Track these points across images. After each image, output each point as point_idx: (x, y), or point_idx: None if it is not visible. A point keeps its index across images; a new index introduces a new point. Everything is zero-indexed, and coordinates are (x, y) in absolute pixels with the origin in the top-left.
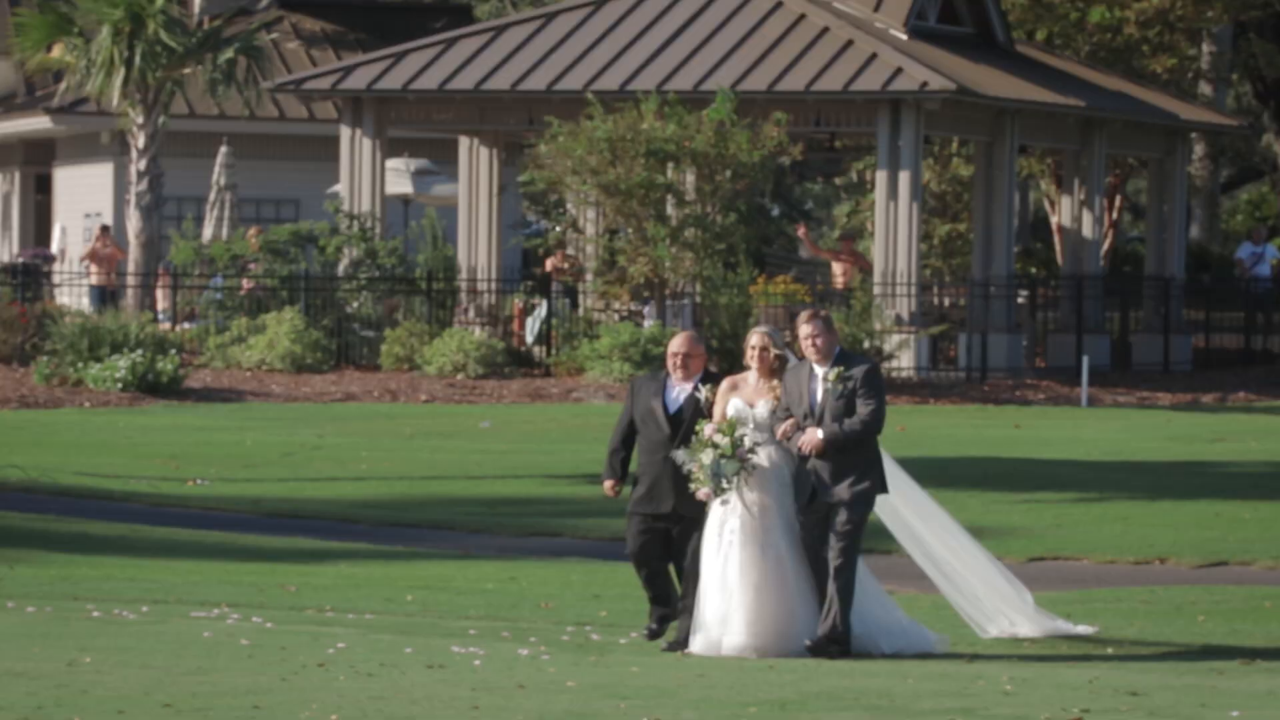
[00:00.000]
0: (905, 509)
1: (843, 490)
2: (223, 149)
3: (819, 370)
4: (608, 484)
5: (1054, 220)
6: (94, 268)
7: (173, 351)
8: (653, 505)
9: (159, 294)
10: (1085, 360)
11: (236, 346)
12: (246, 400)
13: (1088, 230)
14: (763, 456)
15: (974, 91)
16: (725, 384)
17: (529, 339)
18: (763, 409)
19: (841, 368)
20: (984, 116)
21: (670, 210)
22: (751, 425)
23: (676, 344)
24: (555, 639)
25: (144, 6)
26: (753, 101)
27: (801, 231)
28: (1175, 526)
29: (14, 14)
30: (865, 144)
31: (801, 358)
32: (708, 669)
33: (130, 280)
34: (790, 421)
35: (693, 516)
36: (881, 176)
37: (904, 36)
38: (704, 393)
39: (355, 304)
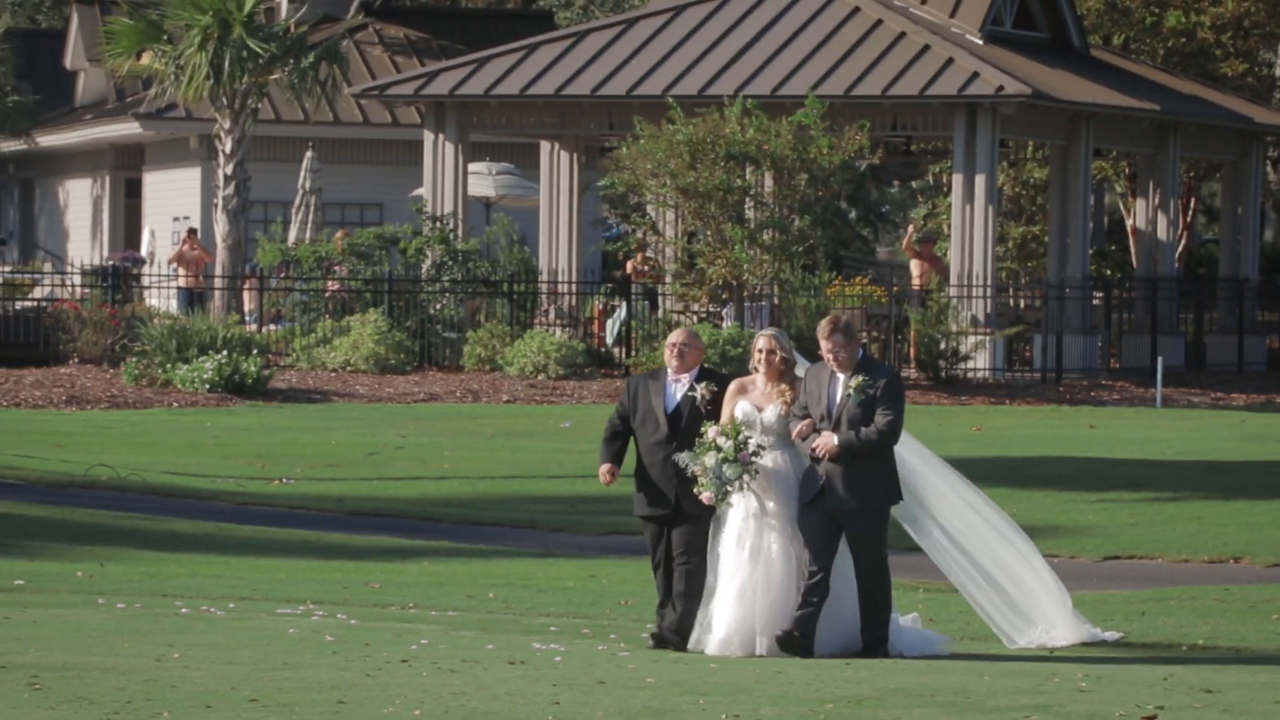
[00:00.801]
0: (938, 512)
1: (853, 501)
2: (308, 153)
3: (840, 374)
4: (603, 469)
5: (1129, 223)
6: (182, 270)
7: (259, 353)
8: (657, 507)
9: (245, 296)
10: (1160, 361)
11: (321, 348)
12: (331, 400)
13: (1162, 232)
14: (768, 460)
15: (1049, 95)
16: (734, 386)
17: (609, 340)
18: (771, 414)
19: (864, 376)
20: (1059, 120)
21: (749, 213)
22: (759, 430)
23: (675, 335)
24: (635, 636)
25: (231, 13)
26: (830, 106)
27: (910, 228)
28: (1250, 526)
29: (105, 22)
30: (941, 147)
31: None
32: (785, 666)
33: (217, 282)
34: (807, 422)
35: (694, 514)
36: (957, 180)
37: (980, 41)
38: (701, 389)
39: (438, 306)
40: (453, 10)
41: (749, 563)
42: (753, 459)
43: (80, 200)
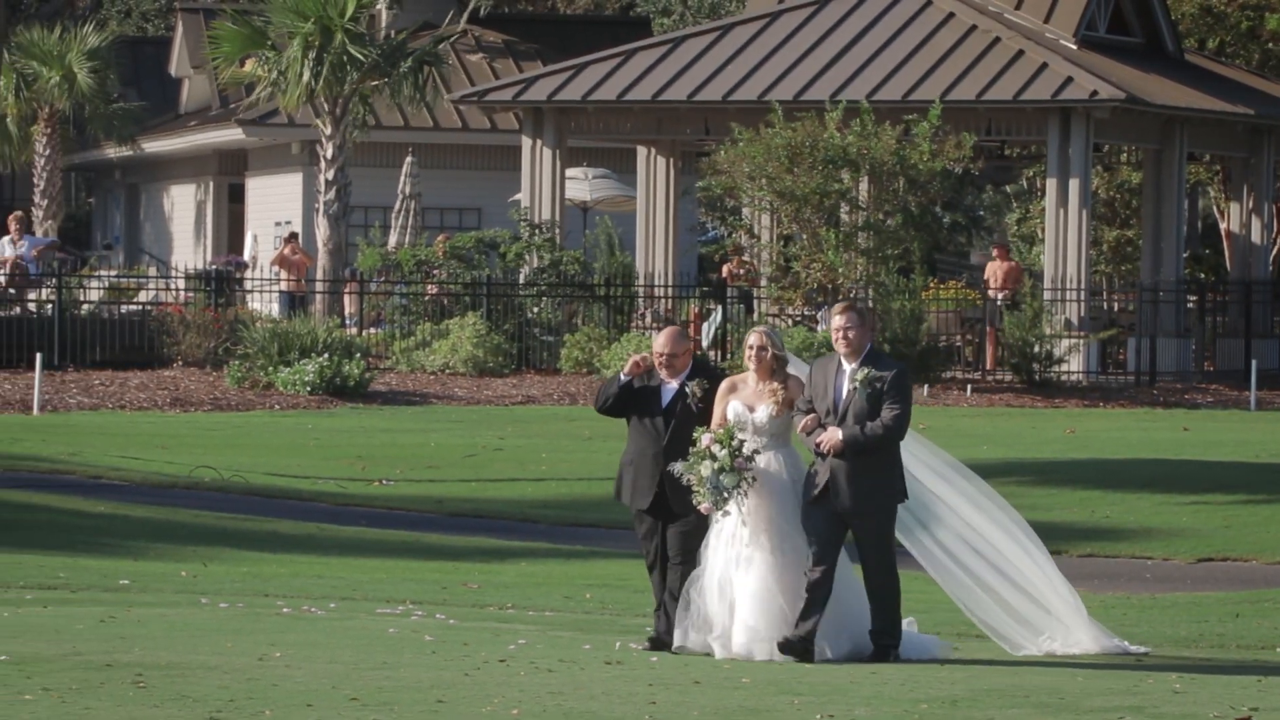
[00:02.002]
0: (947, 524)
1: (860, 500)
2: (408, 159)
3: (847, 367)
4: (632, 360)
5: (1223, 226)
6: (284, 274)
7: (359, 355)
8: (639, 499)
9: (346, 299)
10: (1254, 364)
11: (421, 351)
12: (430, 403)
13: (1256, 236)
14: (762, 461)
15: (1143, 100)
16: (725, 385)
17: (705, 343)
18: (762, 414)
19: (871, 368)
20: (1153, 124)
21: (844, 216)
22: (751, 430)
23: (660, 344)
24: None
25: (333, 20)
26: (924, 110)
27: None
28: None
29: (210, 30)
30: (1036, 152)
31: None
32: (880, 667)
33: (319, 286)
34: (812, 416)
35: (682, 514)
36: (1051, 184)
37: (1074, 46)
38: (690, 388)
39: (536, 309)
40: (550, 16)
41: (737, 566)
42: (749, 464)
43: (184, 205)
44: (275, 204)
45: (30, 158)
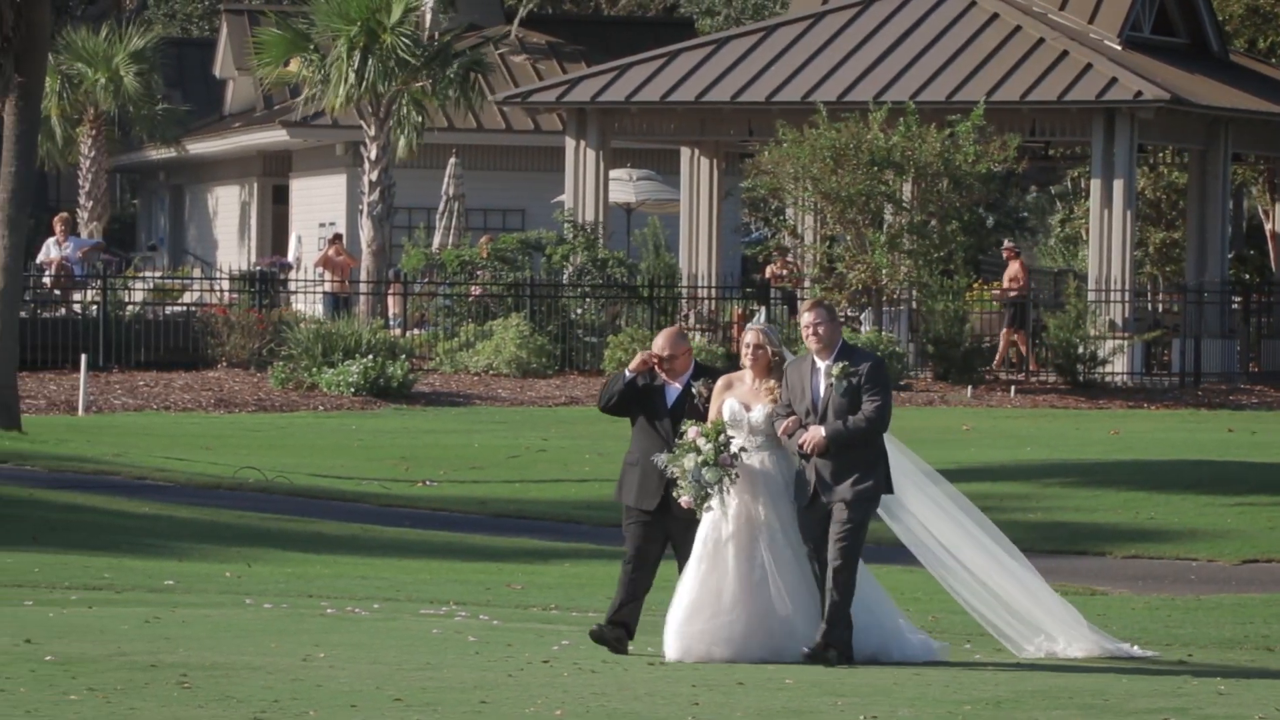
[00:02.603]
0: (928, 520)
1: (845, 490)
2: (452, 160)
3: (821, 364)
4: (639, 357)
5: (1268, 227)
6: (328, 275)
7: (403, 357)
8: (646, 500)
9: (390, 300)
10: None
11: (465, 352)
12: (474, 404)
13: None
14: (756, 461)
15: (1188, 100)
16: (721, 382)
17: None
18: (759, 413)
19: (846, 363)
20: (1198, 125)
21: (889, 218)
22: (746, 429)
23: (659, 345)
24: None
25: (379, 23)
26: (969, 111)
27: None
28: None
29: (254, 32)
30: (1080, 152)
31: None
32: (923, 668)
33: (362, 287)
34: (792, 419)
35: (682, 514)
36: (1096, 185)
37: (1118, 47)
38: (697, 387)
39: (579, 310)
40: (594, 18)
41: (733, 568)
42: (733, 462)
43: (229, 206)
44: (319, 205)
45: (75, 159)
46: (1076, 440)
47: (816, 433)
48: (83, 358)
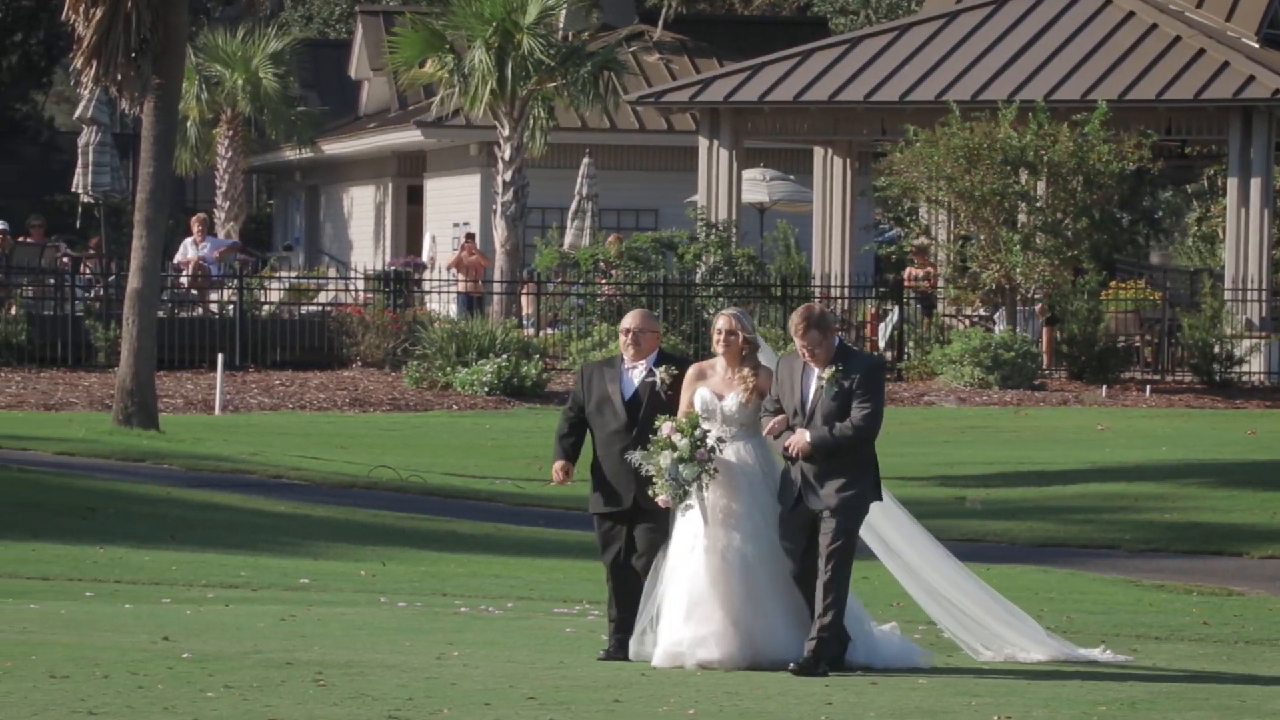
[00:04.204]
0: (889, 530)
1: (830, 497)
2: (585, 160)
3: (817, 367)
4: (557, 466)
5: None
6: (461, 275)
7: (536, 356)
8: (614, 503)
9: (523, 300)
10: None
11: (598, 351)
12: None
13: None
14: (730, 453)
15: None
16: (692, 371)
17: (881, 343)
18: (731, 402)
19: (839, 365)
20: None
21: (1022, 217)
22: (719, 419)
23: (629, 320)
24: (907, 636)
25: (514, 23)
26: (1105, 110)
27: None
28: None
29: (390, 33)
30: (1216, 151)
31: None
32: (1057, 668)
33: (496, 287)
34: (780, 418)
35: (653, 510)
36: (1232, 184)
37: (1256, 45)
38: (660, 373)
39: (713, 310)
40: (728, 18)
41: (714, 568)
42: (711, 456)
43: (363, 206)
44: (453, 205)
45: (212, 160)
46: (1212, 440)
47: (801, 437)
48: (219, 357)
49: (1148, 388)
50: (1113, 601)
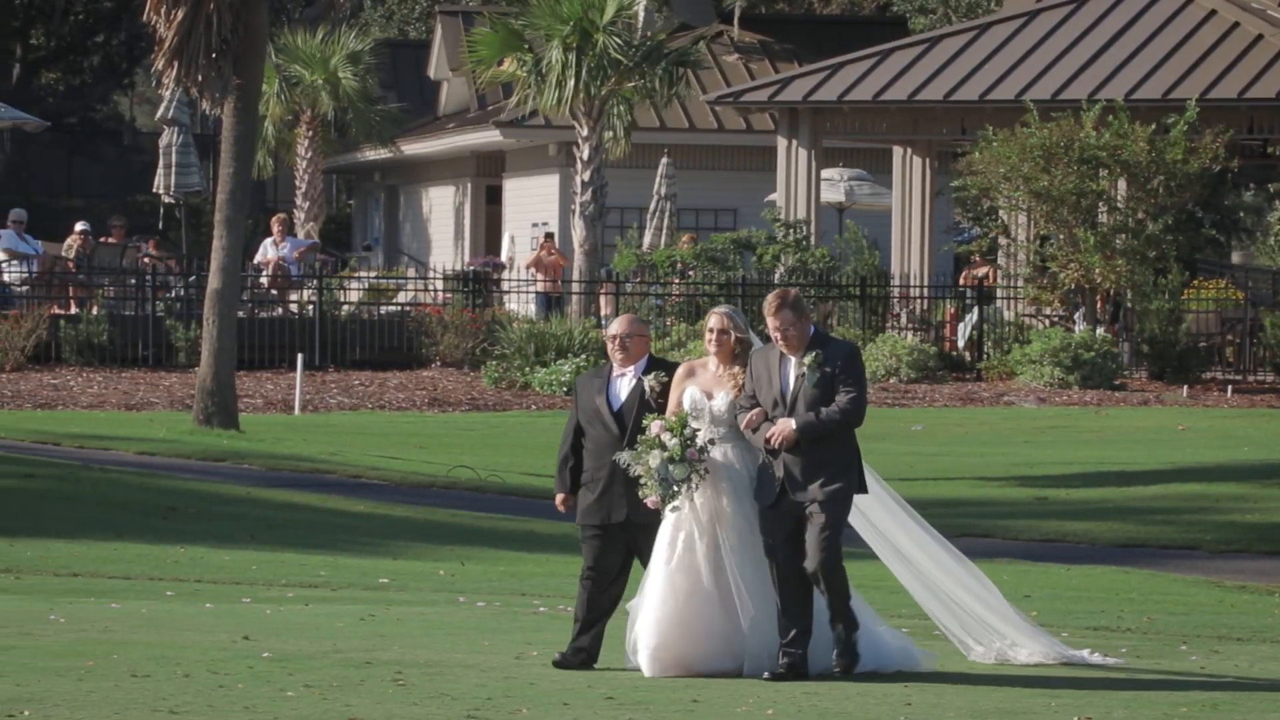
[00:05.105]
0: (884, 521)
1: (815, 489)
2: (664, 160)
3: (791, 355)
4: (559, 498)
5: None
6: (540, 275)
7: None
8: (603, 514)
9: (602, 300)
10: None
11: (676, 351)
12: None
13: None
14: (719, 454)
15: None
16: (682, 370)
17: (960, 344)
18: (721, 401)
19: (818, 352)
20: None
21: (1102, 217)
22: (708, 419)
23: (616, 325)
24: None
25: (592, 22)
26: (1184, 109)
27: None
28: None
29: (468, 32)
30: None
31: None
32: (1138, 669)
33: (574, 287)
34: (757, 411)
35: (648, 524)
36: None
37: None
38: (649, 381)
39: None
40: (806, 17)
41: (701, 571)
42: (702, 456)
43: (442, 207)
44: (532, 205)
45: (292, 161)
46: None
47: (786, 425)
48: (299, 357)
49: (1229, 388)
50: (1194, 602)
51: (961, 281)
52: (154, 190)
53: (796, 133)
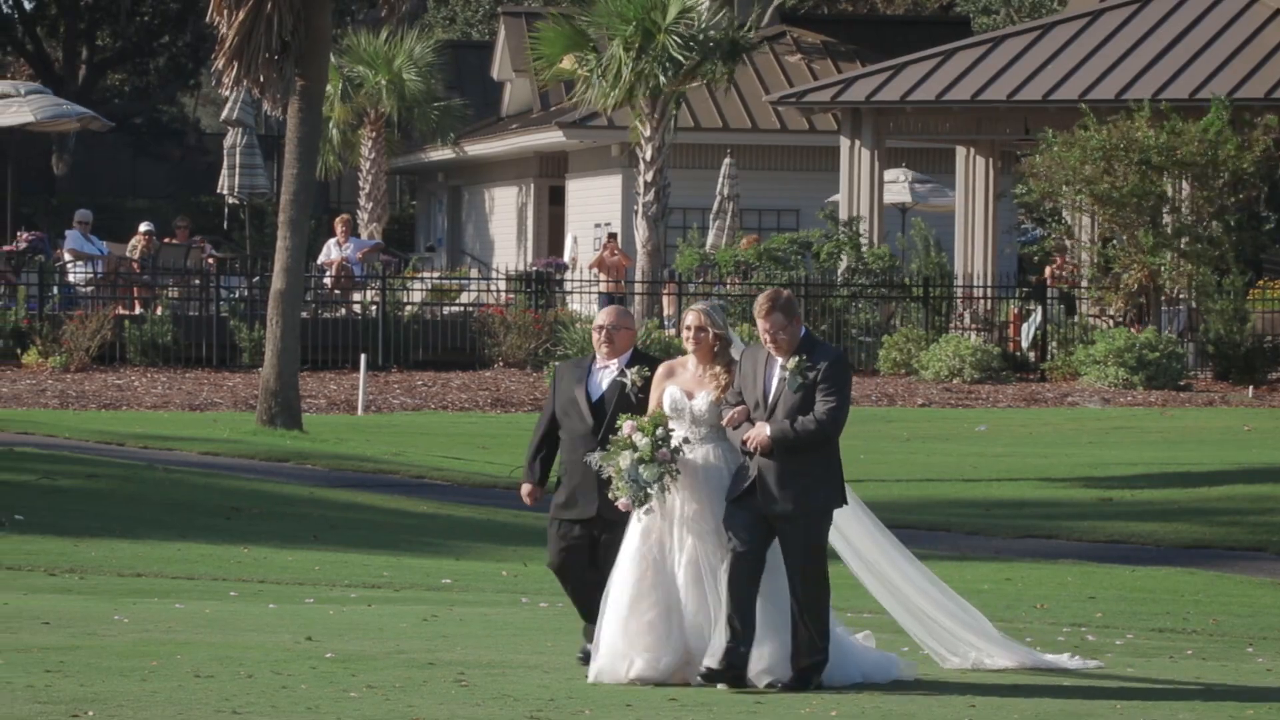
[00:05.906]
0: (852, 532)
1: (790, 501)
2: (726, 160)
3: (780, 357)
4: (525, 489)
5: None
6: (603, 275)
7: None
8: (576, 510)
9: (664, 300)
10: None
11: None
12: None
13: None
14: (698, 456)
15: None
16: (661, 369)
17: (1024, 344)
18: (702, 401)
19: (803, 356)
20: None
21: (1165, 217)
22: (689, 419)
23: (602, 316)
24: (1050, 639)
25: (655, 22)
26: (1249, 108)
27: None
28: None
29: (532, 32)
30: None
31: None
32: (1204, 671)
33: (637, 287)
34: (740, 409)
35: (618, 521)
36: None
37: None
38: (631, 374)
39: (854, 309)
40: (869, 17)
41: (672, 576)
42: (674, 457)
43: (505, 207)
44: (595, 206)
45: (356, 161)
46: None
47: (761, 430)
48: (362, 357)
49: None
50: (1260, 604)
51: (1046, 278)
52: (218, 191)
53: (859, 133)
